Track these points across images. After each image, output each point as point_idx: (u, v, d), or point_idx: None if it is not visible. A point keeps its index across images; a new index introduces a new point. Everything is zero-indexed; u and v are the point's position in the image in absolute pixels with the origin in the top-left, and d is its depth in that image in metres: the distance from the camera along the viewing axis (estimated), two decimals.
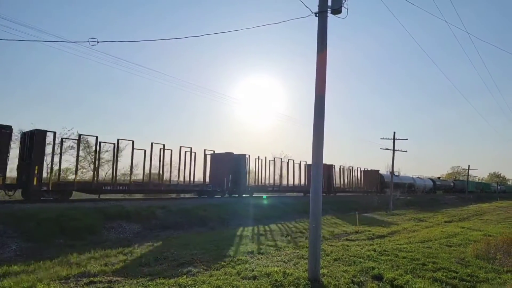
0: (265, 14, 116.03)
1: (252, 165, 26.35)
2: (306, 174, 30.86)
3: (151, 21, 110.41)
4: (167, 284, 5.78)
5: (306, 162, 31.17)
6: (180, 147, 21.25)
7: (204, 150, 23.17)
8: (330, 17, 6.88)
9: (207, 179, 23.38)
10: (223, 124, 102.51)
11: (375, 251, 9.09)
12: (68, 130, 29.21)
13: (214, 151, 23.70)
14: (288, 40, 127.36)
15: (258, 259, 7.85)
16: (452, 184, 61.42)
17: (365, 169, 39.70)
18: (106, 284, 5.84)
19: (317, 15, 6.84)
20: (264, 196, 27.40)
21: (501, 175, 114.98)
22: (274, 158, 28.23)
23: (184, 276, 6.26)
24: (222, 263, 7.30)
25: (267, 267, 6.94)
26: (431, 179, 56.44)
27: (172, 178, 24.48)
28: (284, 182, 29.39)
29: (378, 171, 40.79)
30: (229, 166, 23.33)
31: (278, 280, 6.08)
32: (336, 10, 6.76)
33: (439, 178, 63.59)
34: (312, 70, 6.89)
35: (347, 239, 11.16)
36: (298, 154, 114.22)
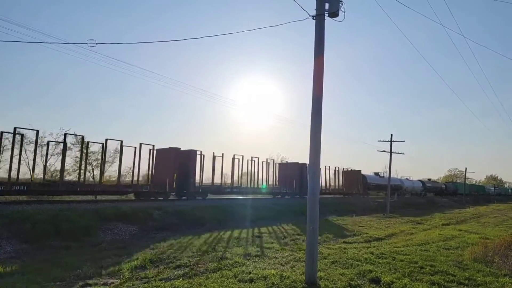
0: (263, 14, 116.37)
1: (208, 164, 22.96)
2: (276, 174, 28.34)
3: (146, 20, 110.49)
4: (163, 286, 5.75)
5: (274, 160, 28.81)
6: (106, 140, 18.26)
7: (140, 144, 19.67)
8: (328, 19, 6.90)
9: (143, 178, 20.45)
10: (218, 125, 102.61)
11: (372, 254, 9.08)
12: (66, 131, 29.03)
13: (153, 146, 20.28)
14: (286, 41, 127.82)
15: (255, 261, 7.82)
16: (443, 186, 60.64)
17: (345, 169, 37.16)
18: (101, 287, 5.80)
19: (314, 18, 6.85)
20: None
21: (498, 177, 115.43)
22: (234, 155, 24.52)
23: (181, 279, 6.22)
24: (219, 265, 7.27)
25: (264, 270, 6.91)
26: (420, 180, 54.52)
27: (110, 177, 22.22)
28: (250, 182, 25.67)
29: (360, 171, 37.87)
30: (174, 164, 20.32)
31: (275, 283, 6.06)
32: (333, 14, 6.79)
33: (429, 179, 62.42)
34: (310, 71, 6.92)
35: (344, 242, 11.14)
36: (296, 155, 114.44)
